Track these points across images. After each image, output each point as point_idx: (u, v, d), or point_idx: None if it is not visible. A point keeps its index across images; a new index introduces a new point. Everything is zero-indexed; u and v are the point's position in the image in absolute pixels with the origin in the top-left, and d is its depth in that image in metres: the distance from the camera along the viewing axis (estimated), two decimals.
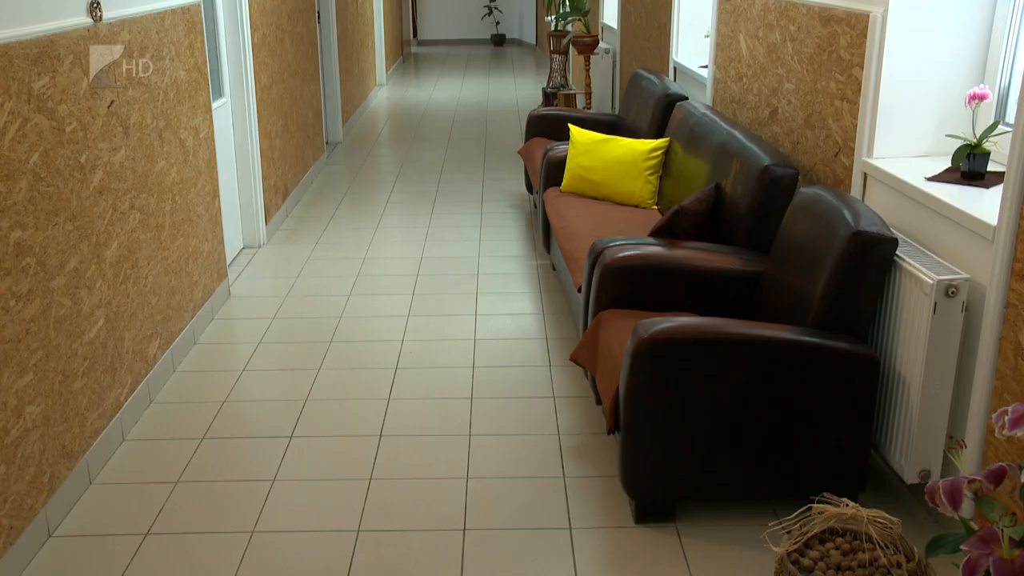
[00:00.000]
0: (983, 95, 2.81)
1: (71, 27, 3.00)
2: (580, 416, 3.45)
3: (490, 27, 15.98)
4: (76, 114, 3.02)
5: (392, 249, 5.40)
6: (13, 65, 2.63)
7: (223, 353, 4.05)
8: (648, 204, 4.51)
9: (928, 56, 3.03)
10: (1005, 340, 2.40)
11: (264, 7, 5.52)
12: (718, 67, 4.83)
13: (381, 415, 3.46)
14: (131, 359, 3.43)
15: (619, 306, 3.24)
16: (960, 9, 2.98)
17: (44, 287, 2.80)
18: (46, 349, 2.80)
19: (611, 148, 4.65)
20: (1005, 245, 2.37)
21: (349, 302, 4.57)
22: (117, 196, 3.33)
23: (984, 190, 2.76)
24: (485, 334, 4.18)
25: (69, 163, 2.96)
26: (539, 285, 4.78)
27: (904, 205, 2.94)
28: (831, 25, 3.37)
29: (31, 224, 2.72)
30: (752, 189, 3.39)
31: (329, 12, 7.79)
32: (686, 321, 2.67)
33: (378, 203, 6.32)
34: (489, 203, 6.27)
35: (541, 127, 6.03)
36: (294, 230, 5.73)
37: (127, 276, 3.41)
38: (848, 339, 2.66)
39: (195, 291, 4.15)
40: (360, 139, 8.44)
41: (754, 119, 4.24)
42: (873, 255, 2.64)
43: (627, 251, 3.27)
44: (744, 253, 3.33)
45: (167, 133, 3.83)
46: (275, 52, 5.79)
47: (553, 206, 4.62)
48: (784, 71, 3.85)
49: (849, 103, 3.24)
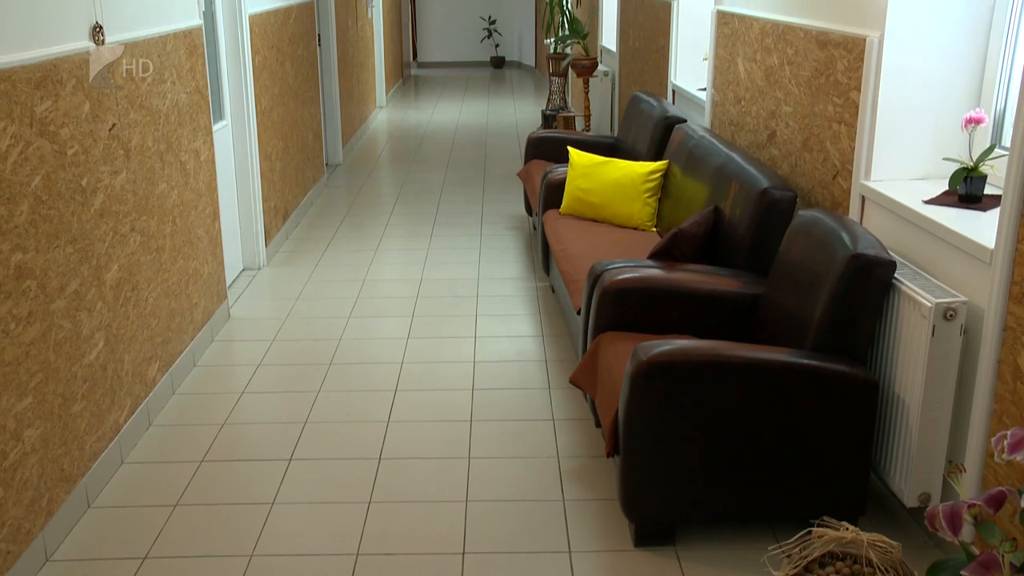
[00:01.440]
0: (979, 119, 2.83)
1: (74, 51, 3.02)
2: (579, 439, 3.44)
3: (489, 49, 16.07)
4: (78, 137, 3.03)
5: (392, 271, 5.41)
6: (16, 89, 2.65)
7: (222, 375, 4.04)
8: (647, 226, 4.53)
9: (924, 80, 3.05)
10: (1004, 363, 2.41)
11: (265, 30, 5.56)
12: (716, 90, 4.86)
13: (380, 438, 3.46)
14: (130, 381, 3.43)
15: (618, 328, 3.24)
16: (956, 33, 3.00)
17: (44, 310, 2.80)
18: (46, 372, 2.81)
19: (610, 170, 4.67)
20: (1002, 268, 2.38)
21: (349, 324, 4.57)
22: (118, 219, 3.34)
23: (981, 213, 2.77)
24: (484, 356, 4.19)
25: (70, 186, 2.98)
26: (538, 307, 4.79)
27: (902, 228, 2.95)
28: (828, 49, 3.40)
29: (32, 247, 2.73)
30: (751, 212, 3.40)
31: (330, 35, 7.84)
32: (685, 344, 2.67)
33: (378, 225, 6.34)
34: (488, 225, 6.29)
35: (540, 149, 6.05)
36: (294, 252, 5.74)
37: (127, 298, 3.41)
38: (847, 362, 2.67)
39: (195, 313, 4.16)
40: (360, 161, 8.47)
41: (752, 142, 4.26)
42: (871, 278, 2.64)
43: (626, 274, 3.27)
44: (743, 275, 3.33)
45: (168, 156, 3.85)
46: (276, 75, 5.82)
47: (552, 228, 4.64)
48: (782, 94, 3.88)
49: (847, 126, 3.26)
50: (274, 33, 5.78)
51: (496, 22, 15.94)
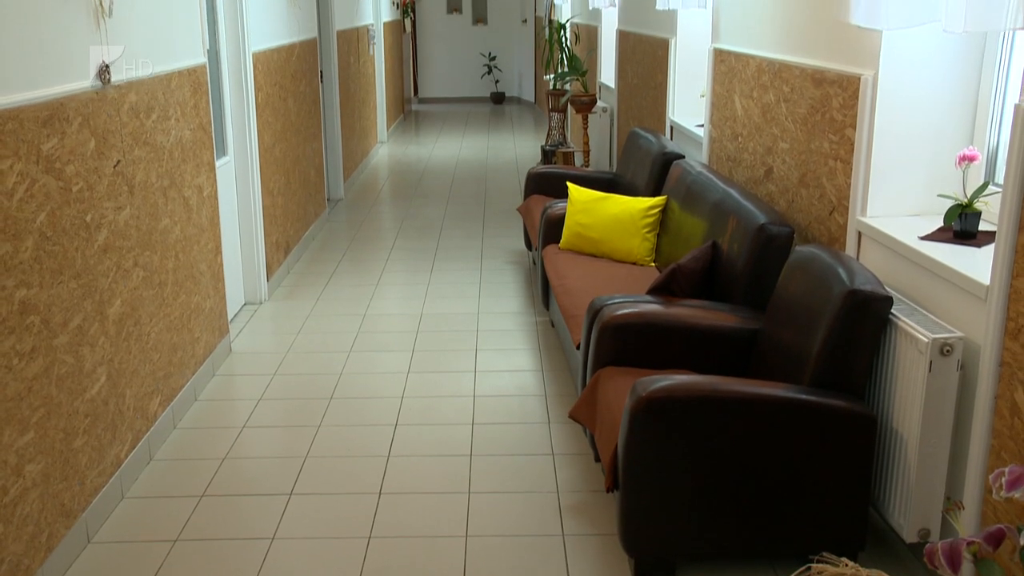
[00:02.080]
0: (972, 156, 2.87)
1: (80, 90, 3.07)
2: (579, 473, 3.45)
3: (490, 85, 16.22)
4: (83, 174, 3.07)
5: (392, 305, 5.43)
6: (23, 128, 2.69)
7: (224, 410, 4.05)
8: (646, 261, 4.56)
9: (918, 118, 3.10)
10: (1000, 399, 2.42)
11: (268, 67, 5.63)
12: (714, 126, 4.92)
13: (381, 472, 3.46)
14: (132, 416, 3.44)
15: (618, 363, 3.26)
16: (948, 72, 3.05)
17: (48, 345, 2.82)
18: (48, 407, 2.82)
19: (609, 206, 4.71)
20: (998, 304, 2.40)
21: (349, 359, 4.58)
22: (121, 254, 3.37)
23: (976, 249, 2.80)
24: (484, 391, 4.20)
25: (75, 222, 3.01)
26: (538, 342, 4.80)
27: (898, 264, 2.98)
28: (824, 87, 3.45)
29: (36, 283, 2.75)
30: (748, 247, 3.43)
31: (332, 72, 7.93)
32: (684, 379, 2.69)
33: (379, 260, 6.37)
34: (488, 259, 6.32)
35: (540, 185, 6.10)
36: (295, 286, 5.77)
37: (130, 333, 3.44)
38: (845, 397, 2.68)
39: (196, 348, 4.17)
40: (361, 196, 8.52)
41: (750, 178, 4.30)
42: (868, 313, 2.67)
43: (625, 309, 3.30)
44: (741, 311, 3.36)
45: (171, 191, 3.89)
46: (278, 111, 5.88)
47: (552, 263, 4.67)
48: (779, 131, 3.92)
49: (843, 163, 3.30)
50: (277, 70, 5.86)
51: (496, 58, 16.10)
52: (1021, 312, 2.32)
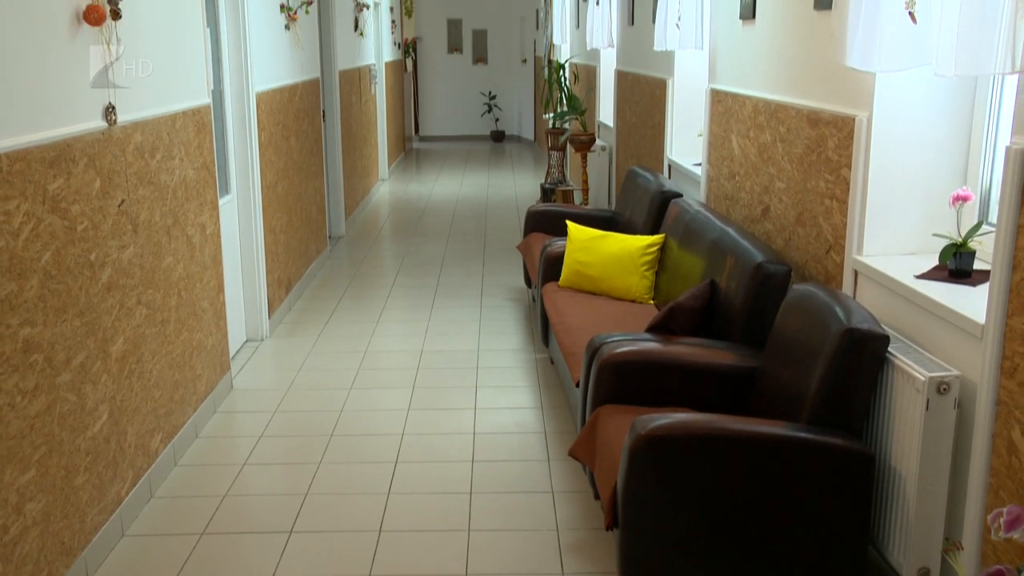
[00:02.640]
0: (966, 197, 2.90)
1: (86, 131, 3.11)
2: (579, 511, 3.45)
3: (490, 124, 16.36)
4: (88, 213, 3.11)
5: (393, 343, 5.45)
6: (31, 168, 2.73)
7: (225, 447, 4.06)
8: (644, 299, 4.59)
9: (912, 158, 3.14)
10: (998, 437, 2.43)
11: (271, 107, 5.70)
12: (711, 165, 4.97)
13: (381, 510, 3.46)
14: (133, 453, 3.45)
15: (617, 401, 3.27)
16: (941, 113, 3.10)
17: (50, 383, 2.84)
18: (49, 445, 2.83)
19: (608, 244, 4.75)
20: (993, 343, 2.42)
21: (350, 395, 4.60)
22: (124, 292, 3.40)
23: (971, 288, 2.82)
24: (484, 428, 4.21)
25: (79, 261, 3.04)
26: (538, 379, 4.82)
27: (895, 302, 3.01)
28: (819, 127, 3.50)
29: (40, 321, 2.78)
30: (746, 285, 3.47)
31: (334, 111, 8.02)
32: (683, 417, 2.71)
33: (379, 297, 6.40)
34: (488, 297, 6.35)
35: (539, 223, 6.15)
36: (296, 323, 5.79)
37: (132, 371, 3.45)
38: (843, 435, 2.70)
39: (198, 385, 4.19)
40: (362, 233, 8.58)
41: (747, 216, 4.35)
42: (865, 352, 2.69)
43: (624, 347, 3.32)
44: (739, 349, 3.38)
45: (175, 230, 3.93)
46: (281, 150, 5.95)
47: (551, 301, 4.69)
48: (775, 170, 3.97)
49: (838, 202, 3.34)
50: (280, 110, 5.93)
51: (496, 97, 16.26)
52: (1017, 351, 2.34)
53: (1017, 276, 2.34)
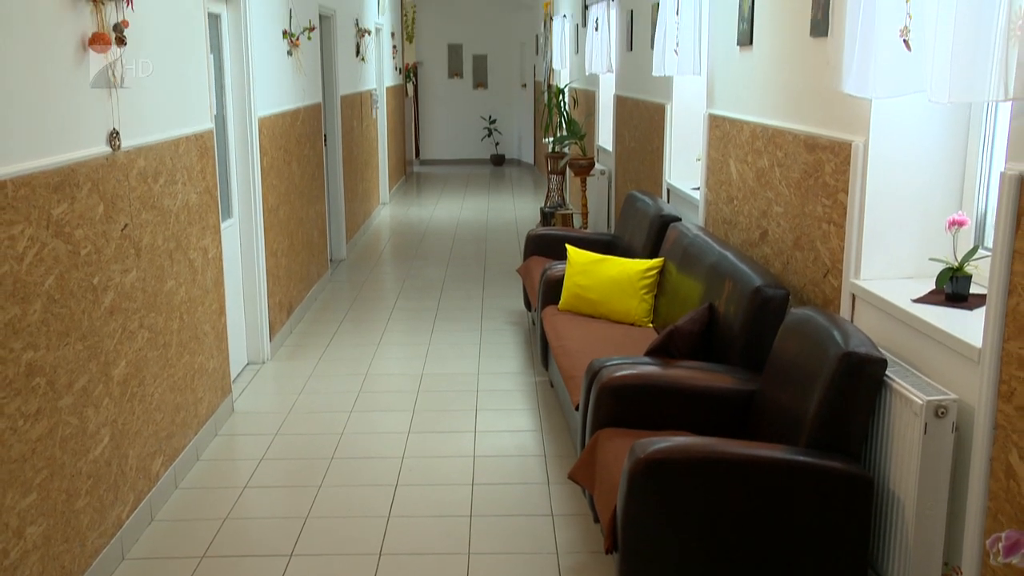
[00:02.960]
0: (962, 221, 2.93)
1: (91, 156, 3.14)
2: (579, 534, 3.45)
3: (490, 148, 16.44)
4: (91, 238, 3.13)
5: (393, 365, 5.47)
6: (35, 193, 2.76)
7: (225, 469, 4.07)
8: (644, 322, 4.61)
9: (909, 183, 3.17)
10: (996, 461, 2.44)
11: (274, 132, 5.74)
12: (710, 189, 5.01)
13: (381, 533, 3.46)
14: (134, 476, 3.45)
15: (616, 424, 3.28)
16: (936, 139, 3.13)
17: (52, 406, 2.85)
18: (51, 468, 2.84)
19: (607, 268, 4.77)
20: (990, 367, 2.43)
21: (351, 418, 4.61)
22: (127, 316, 3.42)
23: (968, 312, 2.84)
24: (484, 451, 4.21)
25: (82, 285, 3.06)
26: (537, 402, 4.83)
27: (892, 326, 3.03)
28: (816, 152, 3.53)
29: (43, 345, 2.80)
30: (744, 309, 3.49)
31: (335, 135, 8.07)
32: (682, 441, 2.72)
33: (380, 320, 6.42)
34: (488, 320, 6.37)
35: (539, 246, 6.18)
36: (298, 346, 5.81)
37: (134, 394, 3.47)
38: (841, 459, 2.71)
39: (199, 407, 4.20)
40: (363, 256, 8.61)
41: (745, 240, 4.37)
42: (863, 375, 2.70)
43: (624, 370, 3.34)
44: (738, 372, 3.39)
45: (177, 254, 3.95)
46: (283, 174, 5.99)
47: (551, 324, 4.71)
48: (773, 195, 4.00)
49: (836, 226, 3.37)
50: (282, 134, 5.97)
51: (496, 121, 16.35)
52: (1013, 375, 2.36)
53: (1013, 300, 2.36)
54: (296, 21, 6.34)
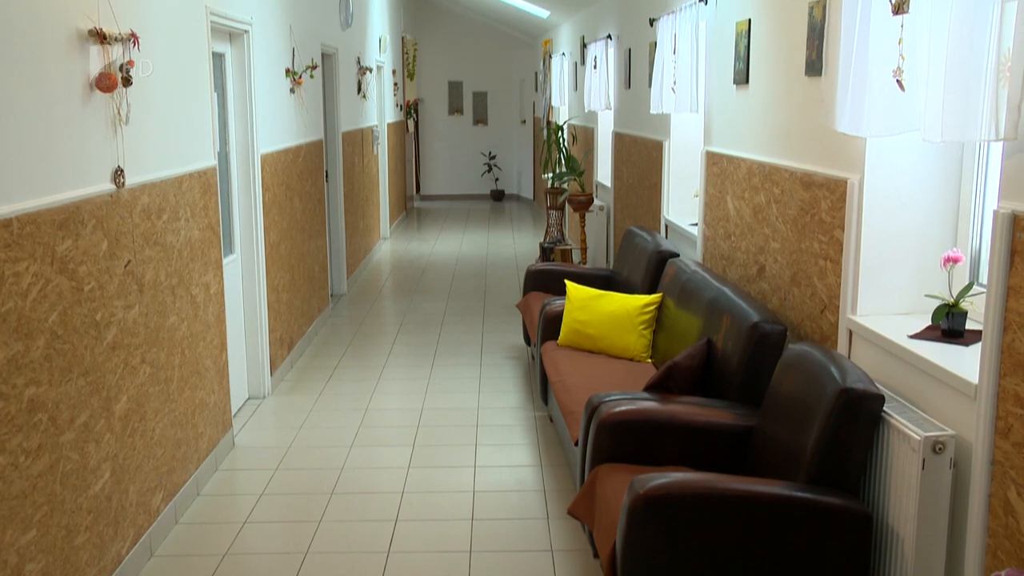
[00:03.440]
0: (956, 258, 2.96)
1: (95, 193, 3.18)
2: (578, 570, 3.44)
3: (490, 183, 16.54)
4: (95, 274, 3.16)
5: (393, 400, 5.48)
6: (40, 231, 2.79)
7: (226, 505, 4.06)
8: (643, 357, 4.62)
9: (904, 220, 3.21)
10: (994, 497, 2.44)
11: (276, 168, 5.80)
12: (707, 225, 5.05)
13: (380, 570, 3.45)
14: (134, 512, 3.45)
15: (616, 460, 3.29)
16: (930, 176, 3.17)
17: (54, 442, 2.86)
18: (51, 504, 2.85)
19: (606, 303, 4.80)
20: (987, 403, 2.45)
21: (351, 453, 4.61)
22: (129, 351, 3.44)
23: (964, 348, 2.86)
24: (484, 486, 4.21)
25: (85, 321, 3.09)
26: (537, 437, 4.83)
27: (889, 362, 3.05)
28: (812, 189, 3.57)
29: (46, 380, 2.81)
30: (742, 345, 3.51)
31: (337, 171, 8.14)
32: (681, 477, 2.73)
33: (380, 354, 6.44)
34: (488, 355, 6.38)
35: (539, 282, 6.21)
36: (298, 381, 5.82)
37: (135, 429, 3.48)
38: (840, 494, 2.71)
39: (200, 442, 4.21)
40: (364, 291, 8.64)
41: (743, 276, 4.41)
42: (860, 411, 2.72)
43: (623, 406, 3.35)
44: (736, 408, 3.41)
45: (179, 289, 3.98)
46: (284, 210, 6.03)
47: (550, 359, 4.73)
48: (770, 231, 4.04)
49: (832, 262, 3.40)
50: (284, 171, 6.03)
51: (496, 157, 16.47)
52: (1010, 411, 2.37)
53: (1008, 337, 2.38)
54: (299, 60, 6.42)
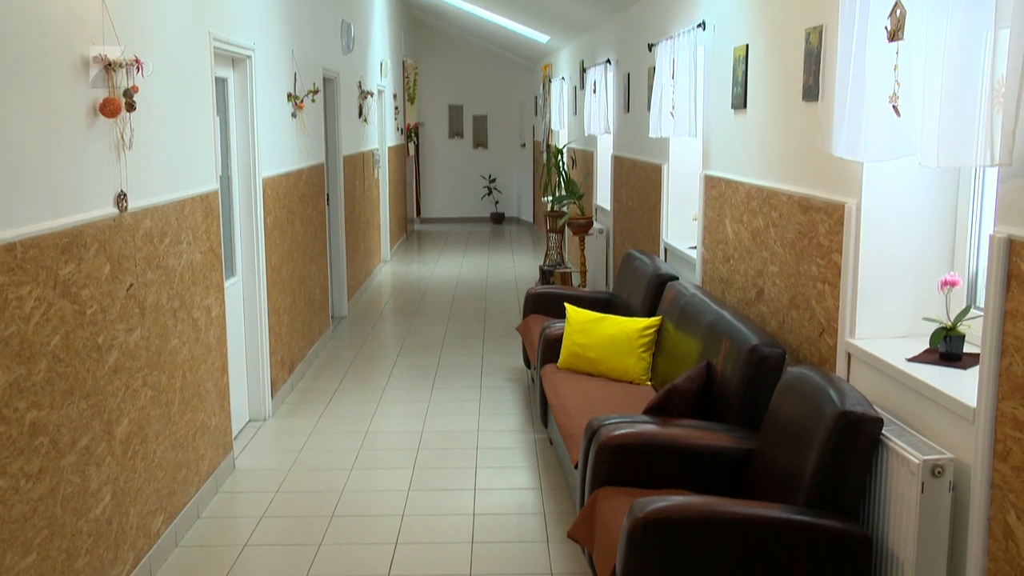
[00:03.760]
0: (954, 282, 2.98)
1: (98, 217, 3.20)
2: None
3: (490, 206, 16.60)
4: (97, 297, 3.18)
5: (394, 423, 5.48)
6: (44, 255, 2.81)
7: (226, 528, 4.06)
8: (642, 380, 4.63)
9: (901, 244, 3.23)
10: (994, 521, 2.45)
11: (277, 192, 5.83)
12: (706, 248, 5.07)
13: None
14: (135, 535, 3.45)
15: (615, 483, 3.30)
16: (927, 201, 3.20)
17: (55, 465, 2.87)
18: (52, 528, 2.85)
19: (606, 326, 4.81)
20: (985, 427, 2.46)
21: (351, 476, 4.61)
22: (131, 374, 3.45)
23: (962, 371, 2.88)
24: (484, 509, 4.21)
25: (87, 344, 3.10)
26: (537, 459, 4.83)
27: (887, 385, 3.06)
28: (810, 213, 3.60)
29: (47, 404, 2.82)
30: (741, 368, 3.52)
31: (338, 194, 8.18)
32: (681, 500, 2.73)
33: (381, 377, 6.44)
34: (488, 377, 6.39)
35: (538, 304, 6.23)
36: (299, 403, 5.82)
37: (136, 452, 3.48)
38: (839, 517, 2.72)
39: (201, 465, 4.21)
40: (364, 314, 8.65)
41: (742, 299, 4.42)
42: (859, 434, 2.73)
43: (622, 429, 3.36)
44: (736, 431, 3.42)
45: (181, 312, 4.00)
46: (286, 233, 6.06)
47: (550, 382, 4.74)
48: (768, 254, 4.06)
49: (830, 286, 3.42)
50: (285, 194, 6.06)
51: (496, 180, 16.53)
52: (1008, 435, 2.38)
53: (1006, 361, 2.40)
54: (301, 84, 6.48)
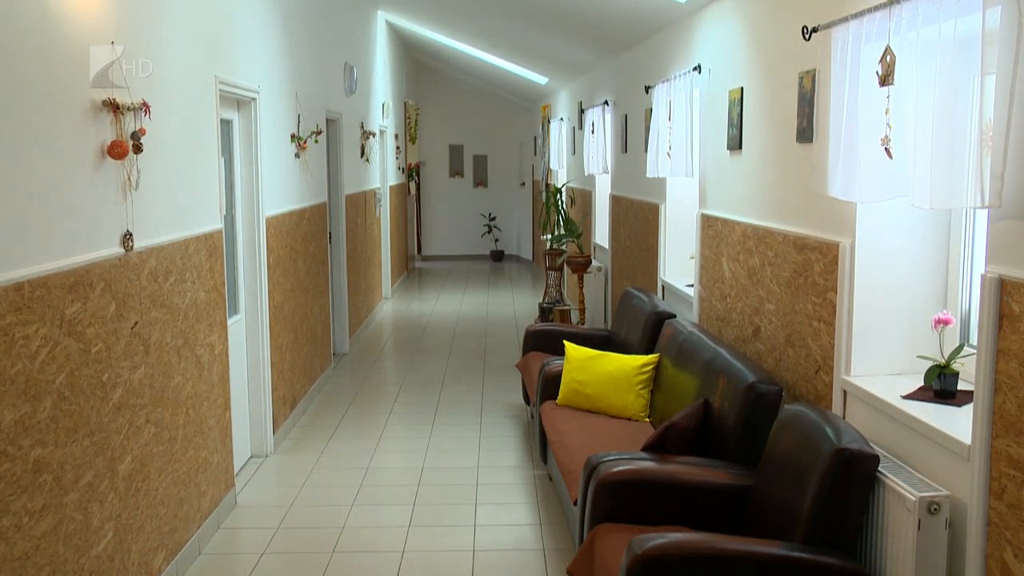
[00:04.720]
0: (947, 320, 3.03)
1: (104, 257, 3.25)
2: None
3: (489, 244, 16.69)
4: (102, 336, 3.22)
5: (394, 459, 5.49)
6: (50, 294, 2.86)
7: (227, 564, 4.06)
8: (640, 417, 4.66)
9: (895, 282, 3.28)
10: (991, 558, 2.46)
11: (280, 231, 5.89)
12: (703, 287, 5.12)
13: None
14: (136, 572, 3.46)
15: (614, 519, 3.31)
16: (920, 241, 3.25)
17: (58, 503, 2.89)
18: (53, 565, 2.86)
19: (604, 363, 4.85)
20: (980, 464, 2.48)
21: (352, 512, 4.61)
22: (134, 411, 3.48)
23: (957, 408, 2.91)
24: (484, 545, 4.21)
25: (92, 382, 3.14)
26: (536, 495, 4.84)
27: (883, 422, 3.09)
28: (805, 252, 3.65)
29: (51, 441, 2.85)
30: (739, 405, 3.55)
31: (340, 233, 8.24)
32: (679, 537, 2.76)
33: (382, 413, 6.46)
34: (488, 413, 6.41)
35: (538, 342, 6.26)
36: (300, 439, 5.84)
37: (138, 489, 3.50)
38: (837, 554, 2.74)
39: (203, 501, 4.22)
40: (366, 350, 8.68)
41: (738, 336, 4.46)
42: (856, 471, 2.76)
43: (621, 466, 3.38)
44: (733, 467, 3.44)
45: (184, 350, 4.04)
46: (289, 271, 6.11)
47: (549, 419, 4.76)
48: (764, 292, 4.11)
49: (826, 324, 3.46)
50: (288, 233, 6.12)
51: (496, 218, 16.64)
52: (1003, 472, 2.41)
53: (999, 399, 2.43)
54: (304, 125, 6.57)
